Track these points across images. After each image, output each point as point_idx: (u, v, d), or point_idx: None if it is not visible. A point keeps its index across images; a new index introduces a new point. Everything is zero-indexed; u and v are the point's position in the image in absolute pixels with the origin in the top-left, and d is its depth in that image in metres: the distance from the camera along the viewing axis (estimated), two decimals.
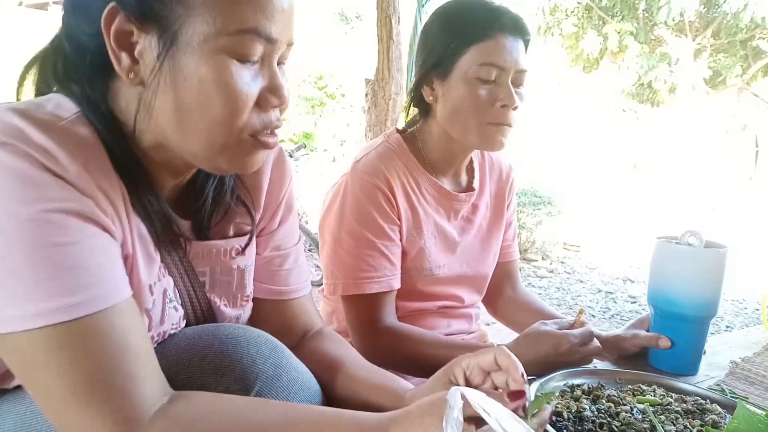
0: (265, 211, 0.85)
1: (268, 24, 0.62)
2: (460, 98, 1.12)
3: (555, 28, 10.93)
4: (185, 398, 0.60)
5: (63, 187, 0.56)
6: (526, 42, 1.14)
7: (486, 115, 1.11)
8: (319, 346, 0.88)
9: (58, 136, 0.58)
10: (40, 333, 0.54)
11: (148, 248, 0.68)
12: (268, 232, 0.86)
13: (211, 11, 0.59)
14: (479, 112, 1.11)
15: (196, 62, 0.60)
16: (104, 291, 0.57)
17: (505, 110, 1.10)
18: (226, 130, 0.63)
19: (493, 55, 1.09)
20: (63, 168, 0.57)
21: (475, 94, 1.10)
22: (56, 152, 0.57)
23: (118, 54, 0.61)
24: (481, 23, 1.11)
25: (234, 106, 0.62)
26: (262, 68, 0.65)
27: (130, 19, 0.60)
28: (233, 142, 0.65)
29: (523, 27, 1.13)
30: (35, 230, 0.54)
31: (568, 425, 0.81)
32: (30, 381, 0.57)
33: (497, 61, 1.09)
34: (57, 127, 0.59)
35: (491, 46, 1.09)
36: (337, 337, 0.92)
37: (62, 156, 0.57)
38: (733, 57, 11.06)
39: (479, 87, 1.10)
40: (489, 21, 1.10)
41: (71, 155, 0.57)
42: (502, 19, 1.10)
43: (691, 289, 1.06)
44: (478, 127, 1.11)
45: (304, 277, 0.91)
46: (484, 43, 1.10)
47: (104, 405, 0.55)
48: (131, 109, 0.64)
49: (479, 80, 1.10)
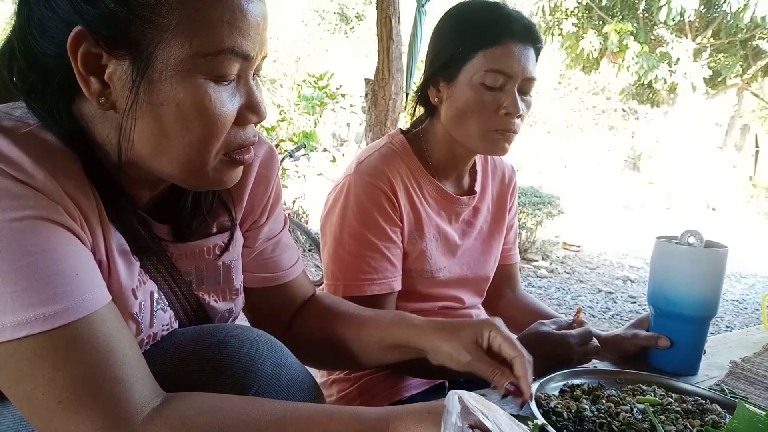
0: (253, 208, 0.84)
1: (244, 42, 0.60)
2: (464, 103, 1.11)
3: (555, 28, 10.92)
4: (180, 398, 0.60)
5: (32, 195, 0.55)
6: (537, 50, 1.12)
7: (489, 122, 1.10)
8: (319, 306, 0.93)
9: (23, 143, 0.56)
10: (22, 343, 0.53)
11: (126, 253, 0.67)
12: (257, 226, 0.86)
13: (186, 33, 0.57)
14: (483, 119, 1.10)
15: (173, 86, 0.58)
16: (84, 298, 0.56)
17: (509, 118, 1.09)
18: (204, 152, 0.62)
19: (500, 62, 1.08)
20: (28, 175, 0.55)
21: (480, 100, 1.09)
22: (21, 160, 0.55)
23: (86, 78, 0.58)
24: (491, 28, 1.09)
25: (213, 129, 0.61)
26: (239, 85, 0.64)
27: (99, 43, 0.57)
28: (211, 163, 0.64)
29: (535, 35, 1.11)
30: (8, 240, 0.53)
31: (568, 425, 0.81)
32: (15, 392, 0.56)
33: (504, 68, 1.08)
34: (22, 134, 0.57)
35: (499, 53, 1.08)
36: (331, 296, 0.98)
37: (27, 163, 0.55)
38: (733, 57, 11.06)
39: (484, 93, 1.09)
40: (499, 27, 1.08)
41: (36, 162, 0.56)
42: (513, 26, 1.08)
43: (691, 289, 1.06)
44: (481, 133, 1.11)
45: (294, 256, 0.92)
46: (492, 49, 1.08)
47: (92, 411, 0.54)
48: (103, 131, 0.62)
49: (485, 86, 1.09)
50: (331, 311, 0.91)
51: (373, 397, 1.18)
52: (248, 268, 0.88)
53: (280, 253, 0.90)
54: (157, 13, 0.56)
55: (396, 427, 0.59)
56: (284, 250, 0.91)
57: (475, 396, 0.58)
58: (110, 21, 0.56)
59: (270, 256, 0.89)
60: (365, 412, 0.61)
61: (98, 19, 0.56)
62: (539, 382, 0.91)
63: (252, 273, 0.88)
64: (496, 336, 0.79)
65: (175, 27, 0.57)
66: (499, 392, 0.79)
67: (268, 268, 0.89)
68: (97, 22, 0.56)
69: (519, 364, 0.77)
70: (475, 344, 0.80)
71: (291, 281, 0.91)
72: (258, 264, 0.88)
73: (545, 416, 0.81)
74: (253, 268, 0.88)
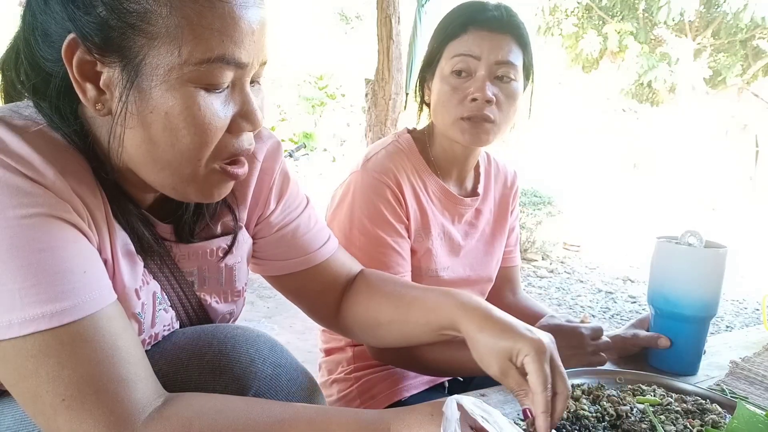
0: (258, 201, 0.83)
1: (237, 50, 0.59)
2: (437, 94, 1.13)
3: (555, 28, 10.93)
4: (180, 399, 0.60)
5: (41, 193, 0.55)
6: (517, 36, 1.11)
7: (458, 110, 1.10)
8: (365, 286, 0.91)
9: (33, 141, 0.57)
10: (27, 340, 0.53)
11: (130, 253, 0.67)
12: (265, 217, 0.85)
13: (175, 41, 0.56)
14: (451, 107, 1.10)
15: (162, 94, 0.58)
16: (90, 296, 0.56)
17: (477, 104, 1.08)
18: (194, 161, 0.62)
19: (464, 47, 1.09)
20: (38, 173, 0.56)
21: (449, 89, 1.10)
22: (31, 157, 0.56)
23: (82, 85, 0.58)
24: (457, 20, 1.11)
25: (203, 138, 0.60)
26: (233, 93, 0.62)
27: (91, 51, 0.57)
28: (201, 172, 0.63)
29: (508, 22, 1.10)
30: (17, 236, 0.53)
31: (567, 425, 0.81)
32: (19, 389, 0.56)
33: (467, 51, 1.08)
34: (32, 132, 0.58)
35: (464, 40, 1.09)
36: (378, 273, 0.95)
37: (37, 161, 0.56)
38: (733, 57, 11.06)
39: (453, 82, 1.10)
40: (465, 18, 1.10)
41: (46, 160, 0.56)
42: (480, 15, 1.09)
43: (691, 289, 1.06)
44: (452, 121, 1.11)
45: (321, 237, 0.89)
46: (458, 39, 1.10)
47: (96, 410, 0.54)
48: (103, 135, 0.63)
49: (453, 74, 1.10)
50: (377, 291, 0.89)
51: (373, 397, 1.18)
52: (274, 256, 0.87)
53: (302, 236, 0.87)
54: (147, 21, 0.56)
55: (397, 429, 0.59)
56: (306, 232, 0.88)
57: (474, 400, 0.58)
58: (101, 28, 0.56)
59: (292, 240, 0.87)
60: (366, 414, 0.61)
61: (90, 27, 0.56)
62: None
63: (280, 260, 0.87)
64: (529, 363, 0.70)
65: (165, 35, 0.56)
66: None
67: (293, 253, 0.87)
68: (89, 30, 0.56)
69: (538, 402, 0.68)
70: (509, 360, 0.72)
71: (323, 262, 0.89)
72: (282, 250, 0.87)
73: None
74: (278, 255, 0.87)
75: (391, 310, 0.86)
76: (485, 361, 0.74)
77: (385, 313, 0.86)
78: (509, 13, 1.11)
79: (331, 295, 0.91)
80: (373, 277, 0.93)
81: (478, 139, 1.11)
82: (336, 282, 0.91)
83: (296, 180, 0.90)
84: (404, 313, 0.84)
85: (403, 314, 0.84)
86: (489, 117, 1.09)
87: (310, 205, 0.91)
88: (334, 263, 0.90)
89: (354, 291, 0.91)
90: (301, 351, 2.99)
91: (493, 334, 0.73)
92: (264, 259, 0.88)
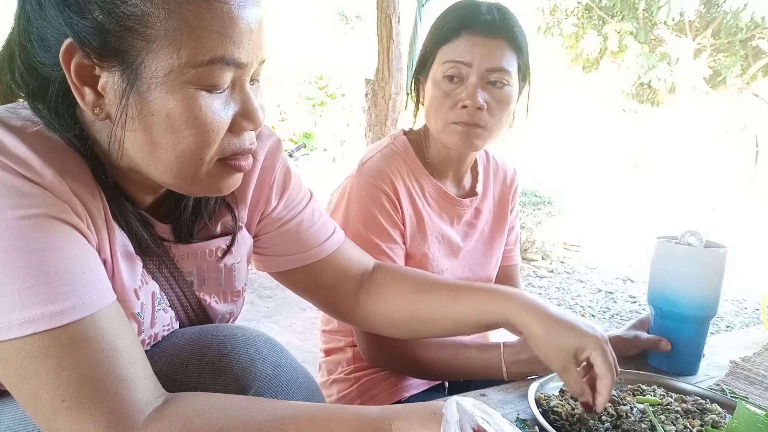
0: (259, 199, 0.83)
1: (236, 50, 0.59)
2: (429, 99, 1.13)
3: (555, 28, 10.93)
4: (180, 398, 0.60)
5: (40, 193, 0.55)
6: (511, 40, 1.09)
7: (448, 115, 1.10)
8: (396, 281, 0.92)
9: (31, 142, 0.57)
10: (27, 341, 0.53)
11: (129, 254, 0.67)
12: (266, 214, 0.85)
13: (173, 43, 0.56)
14: (443, 112, 1.10)
15: (162, 97, 0.57)
16: (90, 296, 0.56)
17: (467, 110, 1.08)
18: (197, 160, 0.62)
19: (455, 53, 1.08)
20: (37, 174, 0.56)
21: (440, 94, 1.10)
22: (30, 158, 0.56)
23: (80, 89, 0.58)
24: (450, 24, 1.10)
25: (205, 138, 0.60)
26: (234, 92, 0.62)
27: (89, 55, 0.56)
28: (205, 170, 0.63)
29: (502, 26, 1.08)
30: (16, 237, 0.53)
31: (566, 425, 0.81)
32: (19, 390, 0.56)
33: (458, 57, 1.08)
34: (30, 133, 0.58)
35: (456, 45, 1.09)
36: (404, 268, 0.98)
37: (36, 162, 0.56)
38: (733, 57, 11.06)
39: (445, 87, 1.10)
40: (458, 22, 1.09)
41: (45, 161, 0.56)
42: (474, 20, 1.08)
43: (691, 289, 1.06)
44: (442, 126, 1.11)
45: (326, 231, 0.89)
46: (450, 43, 1.09)
47: (96, 410, 0.54)
48: (102, 138, 0.63)
49: (445, 79, 1.10)
50: (409, 285, 0.90)
51: (373, 397, 1.17)
52: (279, 251, 0.87)
53: (306, 230, 0.87)
54: (144, 24, 0.55)
55: (399, 427, 0.59)
56: (311, 226, 0.88)
57: (474, 402, 0.58)
58: (99, 32, 0.56)
59: (296, 235, 0.87)
60: (366, 411, 0.61)
61: (87, 31, 0.56)
62: (539, 382, 0.91)
63: (285, 256, 0.87)
64: (597, 358, 0.79)
65: (163, 38, 0.56)
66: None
67: (298, 247, 0.87)
68: (87, 34, 0.56)
69: (606, 385, 0.78)
70: (573, 357, 0.80)
71: (330, 255, 0.88)
72: (287, 245, 0.87)
73: (544, 416, 0.81)
74: (283, 251, 0.87)
75: (433, 304, 0.88)
76: (548, 357, 0.81)
77: (425, 307, 0.88)
78: (503, 15, 1.09)
79: (344, 288, 0.91)
80: (401, 271, 0.94)
81: (469, 144, 1.10)
82: (347, 275, 0.91)
83: (298, 175, 0.90)
84: (449, 309, 0.87)
85: (449, 309, 0.87)
86: (480, 123, 1.09)
87: (314, 200, 0.91)
88: (342, 256, 0.90)
89: (377, 285, 0.92)
90: (301, 351, 2.99)
91: (558, 333, 0.80)
92: (269, 255, 0.88)
